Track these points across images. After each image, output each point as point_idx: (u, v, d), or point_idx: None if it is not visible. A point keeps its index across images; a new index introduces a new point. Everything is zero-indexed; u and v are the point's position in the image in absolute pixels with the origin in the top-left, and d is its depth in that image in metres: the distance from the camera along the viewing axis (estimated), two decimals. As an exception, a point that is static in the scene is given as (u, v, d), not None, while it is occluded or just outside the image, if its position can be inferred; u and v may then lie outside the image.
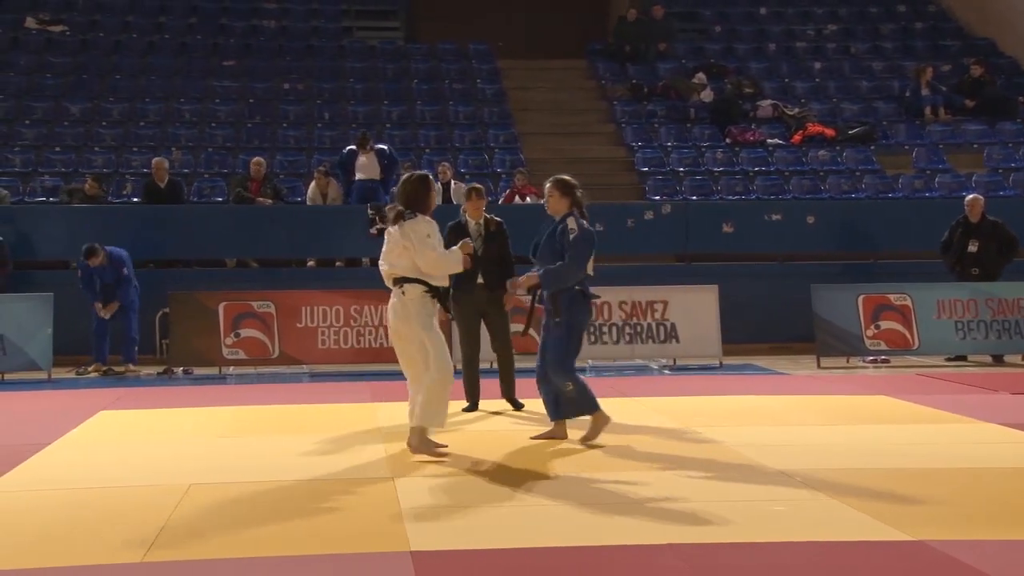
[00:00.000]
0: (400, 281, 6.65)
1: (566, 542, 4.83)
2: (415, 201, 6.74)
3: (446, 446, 6.77)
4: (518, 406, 8.52)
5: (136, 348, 12.08)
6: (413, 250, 6.58)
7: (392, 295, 6.73)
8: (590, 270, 7.03)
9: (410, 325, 6.62)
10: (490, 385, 8.74)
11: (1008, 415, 8.08)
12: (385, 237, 6.78)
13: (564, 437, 7.12)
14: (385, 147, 14.77)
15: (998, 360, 12.33)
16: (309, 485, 6.10)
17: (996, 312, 12.28)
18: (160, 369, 11.90)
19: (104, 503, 5.75)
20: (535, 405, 8.34)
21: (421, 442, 6.68)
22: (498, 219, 8.61)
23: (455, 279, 8.00)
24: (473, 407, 8.53)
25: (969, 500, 5.57)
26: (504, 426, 8.02)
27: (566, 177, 7.18)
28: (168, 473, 6.42)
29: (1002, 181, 16.04)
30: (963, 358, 12.32)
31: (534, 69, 19.20)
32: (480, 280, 8.30)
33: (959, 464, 6.50)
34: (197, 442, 7.55)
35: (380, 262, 6.77)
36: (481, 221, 8.51)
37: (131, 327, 12.01)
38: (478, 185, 8.89)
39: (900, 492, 5.73)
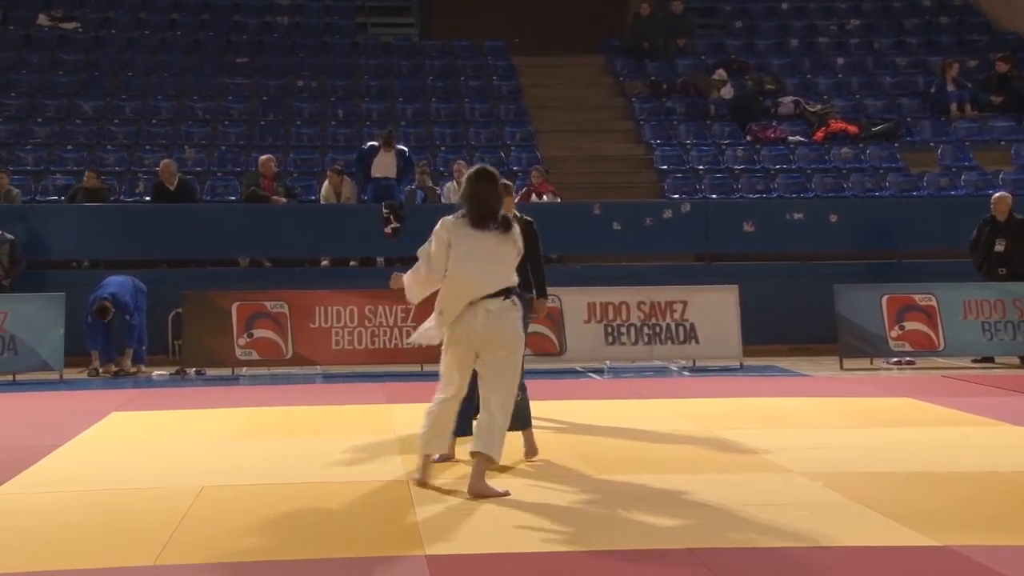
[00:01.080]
0: (509, 291, 5.87)
1: (583, 546, 4.82)
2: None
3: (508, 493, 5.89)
4: None
5: (145, 348, 12.11)
6: (517, 258, 5.97)
7: (489, 302, 5.78)
8: None
9: (519, 333, 5.89)
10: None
11: (1036, 418, 8.03)
12: (464, 239, 5.90)
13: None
14: (405, 148, 14.79)
15: (1026, 362, 12.25)
16: (323, 488, 6.11)
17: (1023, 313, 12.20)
18: (173, 370, 11.95)
19: (116, 505, 5.77)
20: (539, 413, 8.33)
21: (483, 481, 5.78)
22: (528, 218, 8.10)
23: None
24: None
25: (995, 504, 5.53)
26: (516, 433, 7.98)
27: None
28: (180, 475, 6.45)
29: (1030, 179, 15.94)
30: (990, 360, 12.25)
31: (550, 66, 19.18)
32: None
33: (985, 468, 6.46)
34: (209, 444, 7.57)
35: (480, 267, 5.84)
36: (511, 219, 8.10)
37: (135, 329, 11.99)
38: (507, 181, 8.36)
39: (925, 496, 5.70)
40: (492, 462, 5.81)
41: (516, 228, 5.94)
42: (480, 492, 5.71)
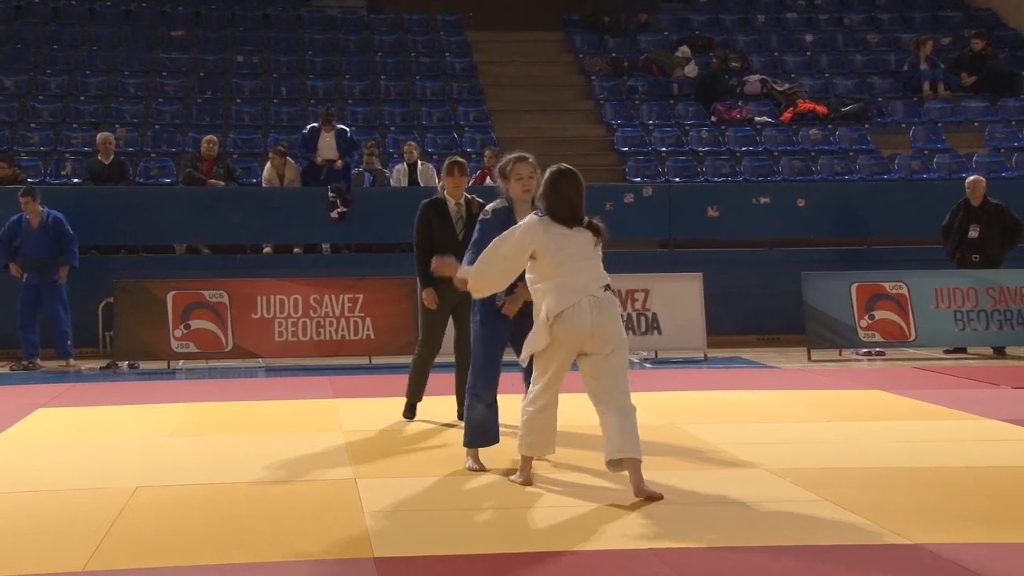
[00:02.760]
0: (608, 286, 5.87)
1: (540, 547, 4.84)
2: None
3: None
4: None
5: (70, 341, 11.97)
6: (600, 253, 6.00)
7: (592, 295, 5.74)
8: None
9: (622, 328, 5.89)
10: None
11: (1010, 410, 8.16)
12: (558, 238, 5.79)
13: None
14: (346, 128, 14.71)
15: (999, 352, 12.45)
16: (265, 488, 6.08)
17: (997, 301, 12.40)
18: (103, 363, 11.82)
19: (42, 508, 5.70)
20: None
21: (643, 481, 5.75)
22: (480, 200, 8.09)
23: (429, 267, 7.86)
24: (413, 414, 8.14)
25: (968, 501, 5.62)
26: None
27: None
28: (112, 475, 6.38)
29: (1004, 161, 16.17)
30: (962, 350, 12.43)
31: (507, 42, 19.16)
32: None
33: (958, 463, 6.56)
34: (144, 442, 7.50)
35: (581, 264, 5.81)
36: (462, 201, 7.90)
37: (62, 318, 11.88)
38: (460, 159, 8.33)
39: (896, 493, 5.78)
40: (639, 462, 5.70)
41: (598, 223, 5.96)
42: (649, 494, 5.63)
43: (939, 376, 10.51)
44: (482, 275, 5.93)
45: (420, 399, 8.19)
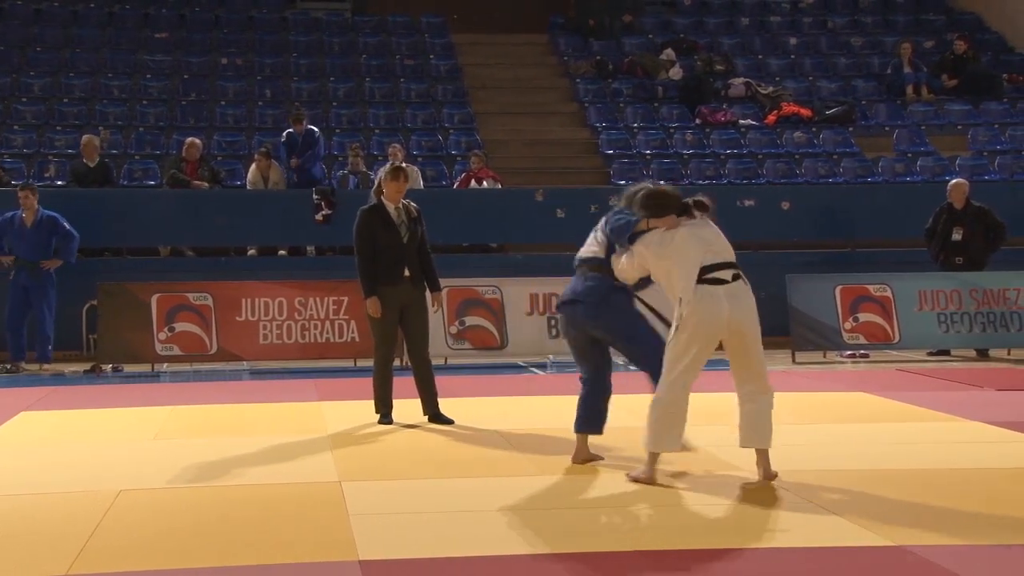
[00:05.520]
0: (739, 273, 6.19)
1: (522, 550, 4.84)
2: None
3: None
4: (447, 421, 7.98)
5: (50, 346, 11.90)
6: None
7: (730, 283, 6.08)
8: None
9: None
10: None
11: (993, 413, 8.20)
12: (691, 230, 6.09)
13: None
14: (314, 128, 14.70)
15: (982, 354, 12.51)
16: (250, 491, 6.06)
17: (981, 304, 12.46)
18: (87, 366, 11.77)
19: (25, 512, 5.67)
20: (470, 415, 8.30)
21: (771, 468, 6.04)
22: (415, 204, 8.14)
23: (385, 271, 7.84)
24: (390, 418, 8.07)
25: (952, 503, 5.64)
26: (448, 433, 7.97)
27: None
28: (96, 479, 6.36)
29: (987, 164, 16.26)
30: (946, 352, 12.48)
31: (491, 44, 19.17)
32: (407, 273, 7.94)
33: (942, 465, 6.59)
34: (128, 445, 7.48)
35: (704, 247, 6.11)
36: (400, 206, 8.01)
37: (46, 322, 11.83)
38: (404, 165, 8.52)
39: (880, 495, 5.80)
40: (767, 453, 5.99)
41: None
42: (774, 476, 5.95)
43: (923, 378, 10.55)
44: (627, 265, 6.33)
45: (391, 401, 8.11)
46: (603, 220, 6.57)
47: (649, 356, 6.40)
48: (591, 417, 6.58)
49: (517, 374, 11.45)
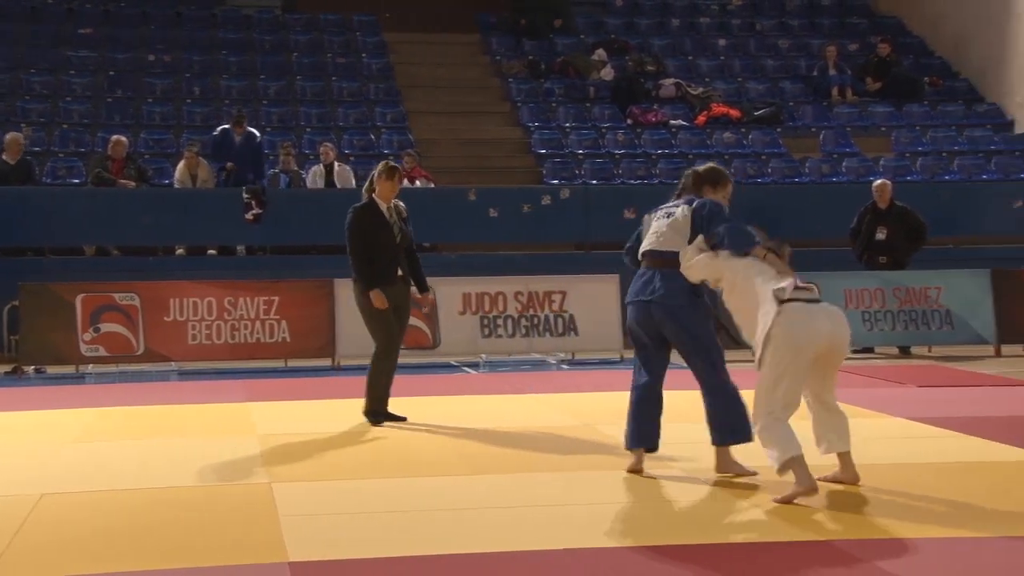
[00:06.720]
0: None
1: (453, 549, 4.82)
2: None
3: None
4: (401, 418, 7.97)
5: None
6: None
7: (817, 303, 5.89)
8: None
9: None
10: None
11: (915, 409, 8.36)
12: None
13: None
14: (255, 132, 14.56)
15: (904, 352, 12.75)
16: (177, 493, 5.97)
17: (903, 302, 12.70)
18: (8, 368, 11.54)
19: (-56, 517, 5.53)
20: (424, 412, 8.30)
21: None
22: (403, 204, 8.08)
23: (381, 270, 7.74)
24: (383, 417, 7.96)
25: (875, 498, 5.73)
26: (379, 433, 7.93)
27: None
28: (17, 482, 6.22)
29: (910, 166, 16.58)
30: (870, 350, 12.70)
31: (424, 43, 19.12)
32: (400, 273, 7.88)
33: (865, 460, 6.68)
34: (50, 448, 7.33)
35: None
36: (391, 205, 7.94)
37: None
38: (394, 163, 8.39)
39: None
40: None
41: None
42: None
43: (847, 375, 10.69)
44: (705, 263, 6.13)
45: (387, 402, 8.01)
46: (686, 209, 6.20)
47: (714, 369, 6.22)
48: (646, 432, 6.18)
49: (450, 374, 11.43)
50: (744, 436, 6.06)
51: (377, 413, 7.94)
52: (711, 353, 6.21)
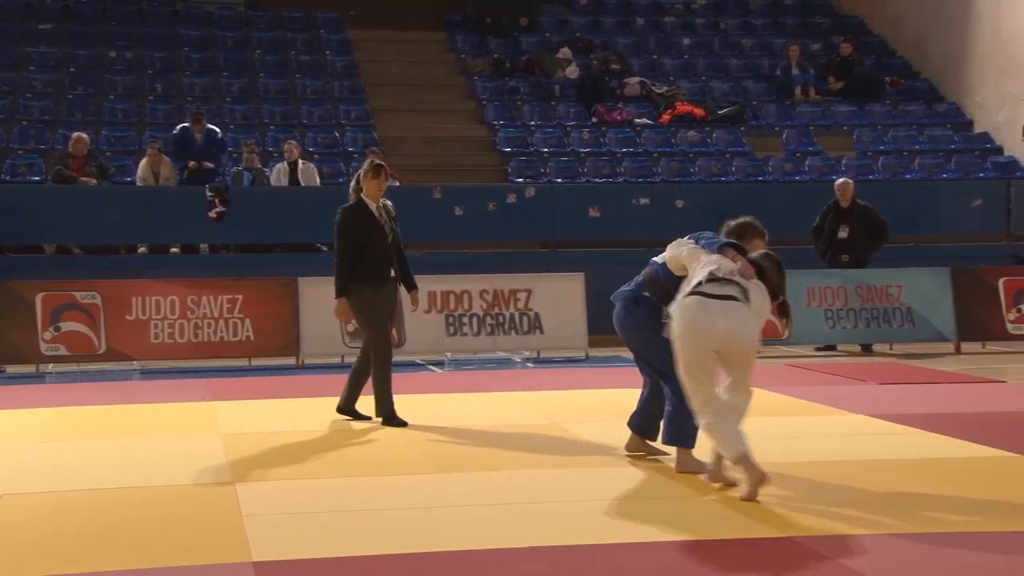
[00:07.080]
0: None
1: (418, 548, 4.83)
2: None
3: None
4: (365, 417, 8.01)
5: None
6: None
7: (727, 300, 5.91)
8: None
9: None
10: (319, 384, 8.62)
11: (876, 406, 8.45)
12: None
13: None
14: (216, 129, 14.47)
15: (866, 349, 12.87)
16: (140, 493, 5.94)
17: (865, 300, 12.81)
18: (-33, 368, 11.41)
19: (-98, 519, 5.47)
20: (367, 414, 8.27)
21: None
22: (390, 203, 8.01)
23: (374, 270, 7.69)
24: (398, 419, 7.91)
25: (838, 494, 5.79)
26: (344, 432, 7.93)
27: None
28: (-23, 484, 6.15)
29: (871, 165, 16.73)
30: (832, 348, 12.81)
31: (388, 41, 19.06)
32: (392, 273, 7.85)
33: (828, 457, 6.76)
34: (10, 448, 7.26)
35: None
36: (380, 205, 7.86)
37: None
38: (380, 161, 8.28)
39: (768, 487, 5.91)
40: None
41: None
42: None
43: (810, 373, 10.81)
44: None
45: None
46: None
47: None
48: (686, 432, 6.17)
49: (415, 372, 11.42)
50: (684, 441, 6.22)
51: (394, 416, 7.82)
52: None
